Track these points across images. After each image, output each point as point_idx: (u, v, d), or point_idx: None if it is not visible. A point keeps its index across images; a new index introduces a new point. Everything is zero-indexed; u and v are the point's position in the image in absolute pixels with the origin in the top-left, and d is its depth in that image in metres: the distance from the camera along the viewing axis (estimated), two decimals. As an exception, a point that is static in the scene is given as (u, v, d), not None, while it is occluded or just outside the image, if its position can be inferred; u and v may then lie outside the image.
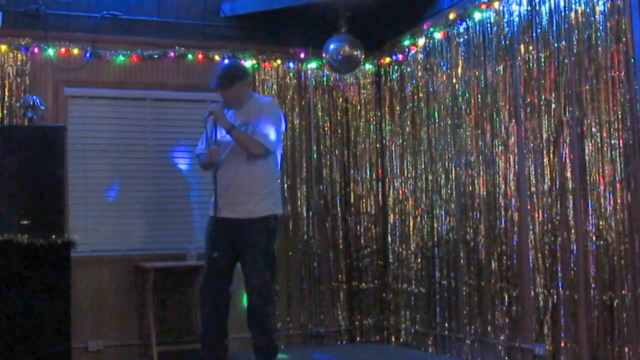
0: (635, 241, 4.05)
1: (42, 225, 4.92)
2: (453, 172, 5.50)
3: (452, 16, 5.44)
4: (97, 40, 5.77)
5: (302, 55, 6.29)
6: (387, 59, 6.30)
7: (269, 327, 4.70)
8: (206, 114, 4.77)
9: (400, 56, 6.14)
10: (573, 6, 4.42)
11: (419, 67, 5.90)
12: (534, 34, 4.72)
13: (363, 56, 6.01)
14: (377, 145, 6.42)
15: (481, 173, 5.20)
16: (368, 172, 6.43)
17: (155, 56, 5.94)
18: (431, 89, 5.76)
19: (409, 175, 6.04)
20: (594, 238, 4.28)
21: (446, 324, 5.54)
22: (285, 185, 6.17)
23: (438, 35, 5.63)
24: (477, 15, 5.21)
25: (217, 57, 6.08)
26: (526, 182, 4.79)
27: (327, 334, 6.21)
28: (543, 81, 4.66)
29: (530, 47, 4.75)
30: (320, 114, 6.38)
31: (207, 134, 4.80)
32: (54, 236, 4.93)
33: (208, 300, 4.75)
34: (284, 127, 4.95)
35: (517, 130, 4.88)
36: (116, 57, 5.84)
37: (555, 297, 4.56)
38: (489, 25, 5.13)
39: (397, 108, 6.20)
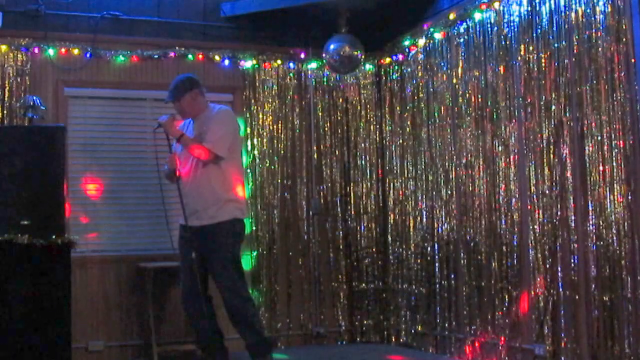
0: (635, 241, 4.05)
1: (42, 225, 4.92)
2: (453, 172, 5.50)
3: (452, 16, 5.44)
4: (97, 41, 5.78)
5: (302, 56, 6.29)
6: (387, 59, 6.31)
7: (253, 323, 4.80)
8: (156, 125, 4.97)
9: (400, 56, 6.14)
10: (573, 6, 4.42)
11: (419, 67, 5.91)
12: (534, 34, 4.72)
13: (363, 56, 6.00)
14: (377, 145, 6.43)
15: (481, 173, 5.20)
16: (368, 172, 6.43)
17: (155, 56, 5.95)
18: (431, 89, 5.76)
19: (409, 175, 6.04)
20: (594, 238, 4.28)
21: (446, 324, 5.54)
22: (286, 185, 6.17)
23: (438, 36, 5.63)
24: (477, 16, 5.21)
25: (217, 57, 6.08)
26: (526, 182, 4.79)
27: (327, 334, 6.21)
28: (543, 81, 4.66)
29: (530, 47, 4.75)
30: (320, 114, 6.38)
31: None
32: (54, 236, 4.92)
33: (190, 308, 4.90)
34: (238, 132, 5.09)
35: (517, 130, 4.88)
36: (116, 57, 5.84)
37: (555, 297, 4.56)
38: (489, 25, 5.13)
39: (397, 108, 6.20)
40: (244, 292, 4.83)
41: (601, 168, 4.24)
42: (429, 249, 5.75)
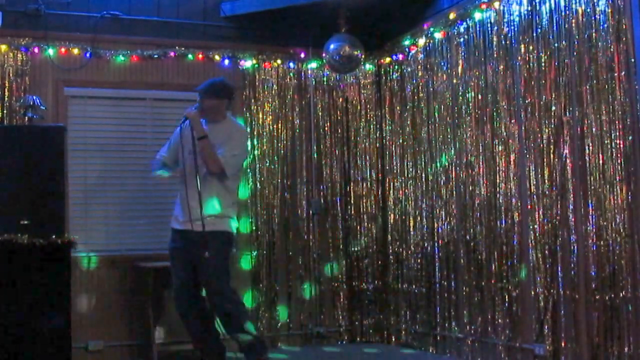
0: (636, 241, 4.05)
1: (42, 225, 4.92)
2: (453, 172, 5.50)
3: (452, 16, 5.44)
4: (97, 40, 5.77)
5: (302, 55, 6.29)
6: (388, 59, 6.30)
7: (246, 325, 4.80)
8: (182, 118, 4.86)
9: (400, 56, 6.14)
10: (573, 6, 4.42)
11: (419, 67, 5.90)
12: (534, 34, 4.72)
13: (363, 56, 6.00)
14: (377, 145, 6.42)
15: (481, 173, 5.19)
16: (368, 172, 6.42)
17: (156, 56, 5.95)
18: (431, 89, 5.76)
19: (409, 175, 6.04)
20: (594, 238, 4.28)
21: (446, 324, 5.54)
22: (286, 185, 6.17)
23: (438, 35, 5.63)
24: (478, 15, 5.21)
25: (217, 57, 6.08)
26: (526, 182, 4.79)
27: (327, 334, 6.21)
28: (543, 81, 4.66)
29: (530, 47, 4.75)
30: (320, 114, 6.38)
31: (173, 140, 4.99)
32: (54, 236, 4.92)
33: (182, 307, 4.91)
34: (247, 157, 5.16)
35: (517, 130, 4.88)
36: (116, 57, 5.84)
37: (555, 297, 4.56)
38: (489, 25, 5.13)
39: (397, 108, 6.20)
40: (233, 296, 4.84)
41: (601, 168, 4.24)
42: (429, 249, 5.75)
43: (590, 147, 4.31)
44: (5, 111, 5.45)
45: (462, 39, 5.40)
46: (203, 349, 5.01)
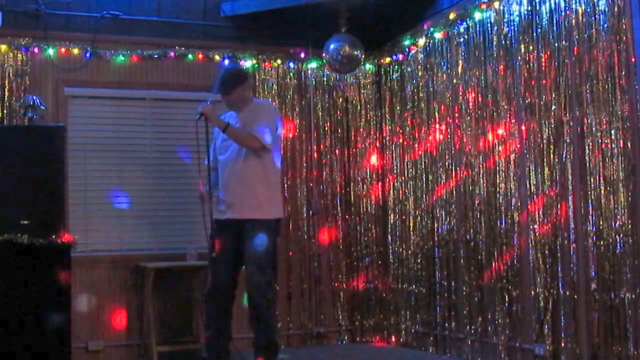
0: (636, 241, 4.05)
1: (42, 225, 4.92)
2: (453, 172, 5.50)
3: (452, 16, 5.44)
4: (97, 40, 5.77)
5: (302, 55, 6.29)
6: (388, 59, 6.30)
7: (271, 326, 4.76)
8: (197, 116, 4.74)
9: (400, 56, 6.14)
10: (573, 6, 4.42)
11: (419, 67, 5.90)
12: (534, 34, 4.72)
13: (363, 56, 6.00)
14: (377, 145, 6.42)
15: (481, 173, 5.19)
16: (368, 172, 6.42)
17: (156, 56, 5.95)
18: (431, 89, 5.76)
19: (409, 175, 6.04)
20: (594, 238, 4.28)
21: (446, 324, 5.53)
22: (286, 185, 6.17)
23: (438, 35, 5.63)
24: (478, 15, 5.21)
25: (217, 57, 6.08)
26: (526, 182, 4.79)
27: (327, 334, 6.21)
28: (543, 81, 4.65)
29: (530, 47, 4.75)
30: (320, 113, 6.38)
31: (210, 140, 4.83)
32: (54, 236, 4.92)
33: (213, 306, 4.80)
34: (280, 130, 4.94)
35: (517, 130, 4.88)
36: (116, 57, 5.84)
37: (555, 297, 4.56)
38: (489, 25, 5.13)
39: (397, 108, 6.20)
40: (270, 294, 4.73)
41: (601, 168, 4.24)
42: (429, 249, 5.75)
43: (590, 147, 4.31)
44: (5, 111, 5.45)
45: (462, 39, 5.39)
46: (211, 350, 4.90)
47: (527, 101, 4.78)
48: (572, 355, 4.43)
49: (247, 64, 6.15)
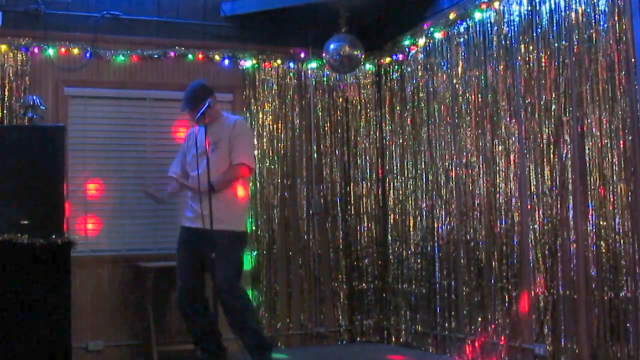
0: (636, 241, 4.05)
1: (42, 225, 4.92)
2: (453, 172, 5.50)
3: (452, 16, 5.44)
4: (97, 40, 5.78)
5: (302, 55, 6.29)
6: (388, 59, 6.30)
7: (252, 325, 4.87)
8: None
9: (400, 56, 6.14)
10: (573, 6, 4.42)
11: (419, 67, 5.90)
12: (534, 34, 4.72)
13: (363, 56, 6.00)
14: (377, 145, 6.42)
15: (481, 173, 5.19)
16: (368, 172, 6.42)
17: (156, 56, 5.95)
18: (431, 89, 5.76)
19: (409, 175, 6.04)
20: (594, 238, 4.28)
21: (446, 324, 5.53)
22: (286, 186, 6.17)
23: (438, 35, 5.63)
24: (478, 15, 5.21)
25: (217, 57, 6.08)
26: (526, 182, 4.79)
27: (327, 334, 6.21)
28: (543, 81, 4.66)
29: (530, 47, 4.75)
30: (320, 114, 6.38)
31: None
32: (54, 236, 4.92)
33: (187, 308, 5.03)
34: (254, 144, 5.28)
35: (517, 130, 4.88)
36: (116, 57, 5.84)
37: (555, 297, 4.56)
38: (489, 25, 5.13)
39: (397, 108, 6.20)
40: (242, 294, 4.89)
41: (601, 168, 4.24)
42: (429, 249, 5.75)
43: (590, 147, 4.31)
44: (5, 111, 5.45)
45: (462, 39, 5.39)
46: (204, 349, 5.01)
47: (527, 101, 4.78)
48: (572, 355, 4.43)
49: (247, 64, 6.15)
